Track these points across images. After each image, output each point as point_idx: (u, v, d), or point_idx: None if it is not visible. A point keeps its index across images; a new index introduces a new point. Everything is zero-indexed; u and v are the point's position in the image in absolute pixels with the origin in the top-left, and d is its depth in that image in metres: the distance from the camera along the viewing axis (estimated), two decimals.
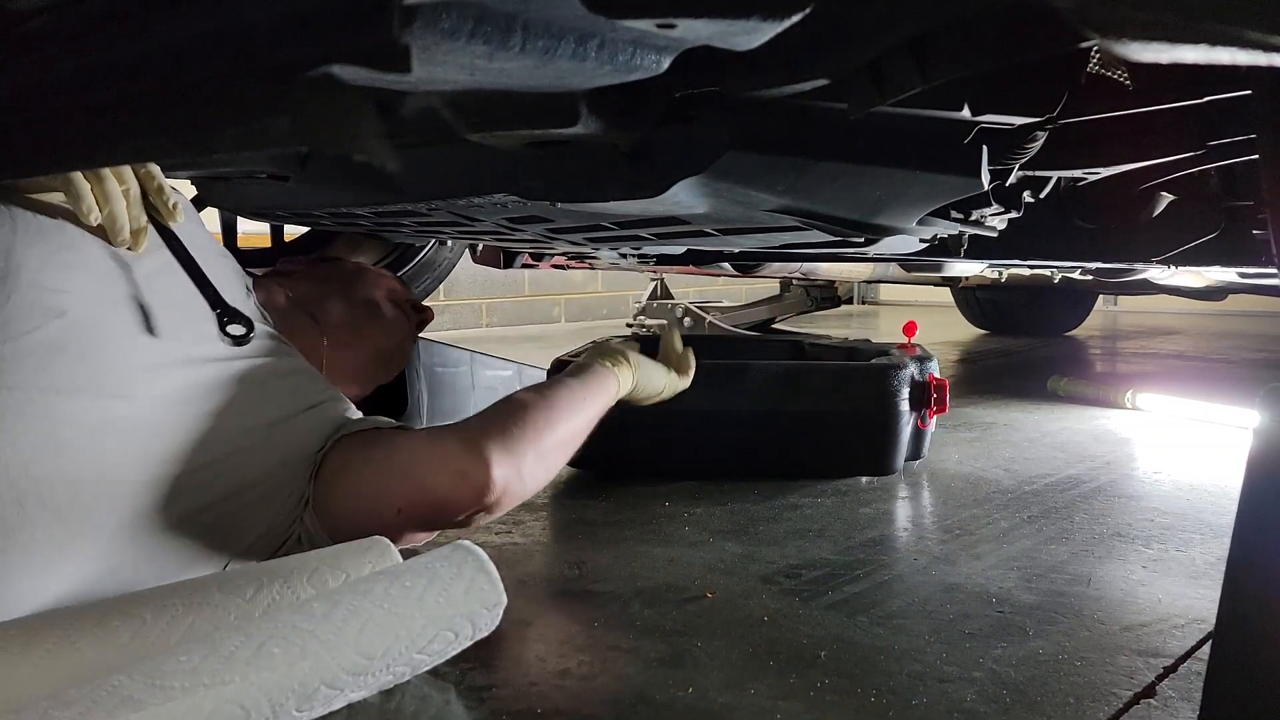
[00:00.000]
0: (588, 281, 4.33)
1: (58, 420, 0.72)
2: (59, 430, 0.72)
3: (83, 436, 0.73)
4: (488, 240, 1.50)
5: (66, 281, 0.77)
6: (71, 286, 0.77)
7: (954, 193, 0.76)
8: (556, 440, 0.92)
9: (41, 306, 0.75)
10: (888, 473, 1.32)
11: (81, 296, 0.77)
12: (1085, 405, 1.91)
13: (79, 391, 0.73)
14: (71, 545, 0.71)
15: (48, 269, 0.77)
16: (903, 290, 5.17)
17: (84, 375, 0.74)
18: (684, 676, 0.71)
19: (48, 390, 0.72)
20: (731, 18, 0.43)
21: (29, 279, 0.75)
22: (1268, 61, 0.40)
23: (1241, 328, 3.66)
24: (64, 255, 0.79)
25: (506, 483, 0.85)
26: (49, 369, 0.73)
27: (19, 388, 0.71)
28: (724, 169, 0.69)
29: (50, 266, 0.77)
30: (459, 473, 0.83)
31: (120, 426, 0.75)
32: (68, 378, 0.73)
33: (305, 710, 0.61)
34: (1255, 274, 1.23)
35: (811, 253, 1.21)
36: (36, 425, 0.71)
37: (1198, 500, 1.21)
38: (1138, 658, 0.75)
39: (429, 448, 0.85)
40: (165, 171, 0.92)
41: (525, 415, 0.89)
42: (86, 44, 0.52)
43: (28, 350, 0.72)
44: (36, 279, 0.76)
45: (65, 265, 0.78)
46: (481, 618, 0.72)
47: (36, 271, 0.76)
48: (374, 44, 0.41)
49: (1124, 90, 0.77)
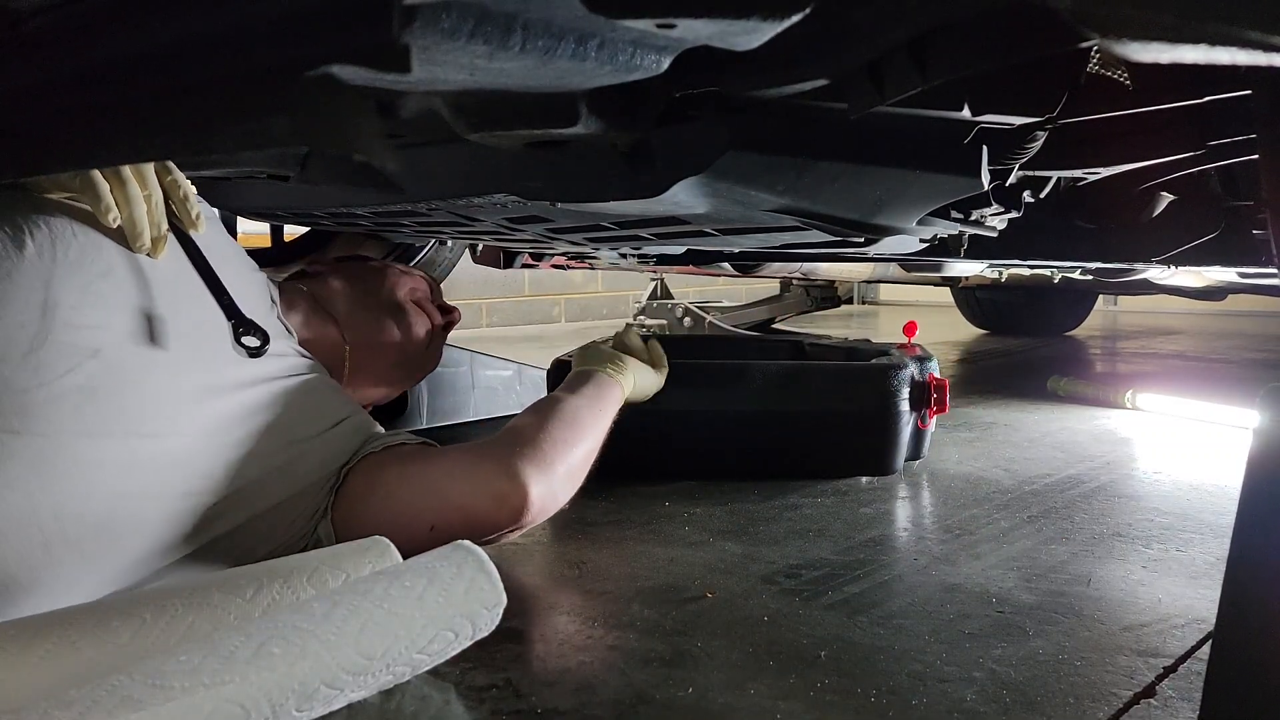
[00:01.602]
0: (588, 281, 4.33)
1: (88, 464, 0.72)
2: (89, 474, 0.72)
3: (111, 477, 0.73)
4: (488, 240, 1.50)
5: (101, 315, 0.76)
6: (105, 321, 0.76)
7: (954, 193, 0.76)
8: (582, 455, 0.94)
9: (76, 347, 0.74)
10: (888, 472, 1.32)
11: (115, 332, 0.77)
12: (1085, 405, 1.91)
13: (109, 434, 0.73)
14: (92, 578, 0.72)
15: (84, 305, 0.76)
16: (903, 290, 5.17)
17: (114, 417, 0.74)
18: (684, 676, 0.71)
19: (80, 435, 0.72)
20: (731, 18, 0.43)
21: (64, 318, 0.74)
22: (1268, 61, 0.40)
23: (1241, 328, 3.66)
24: (100, 285, 0.78)
25: (543, 502, 0.87)
26: (81, 414, 0.72)
27: (51, 434, 0.70)
28: (724, 169, 0.69)
29: (86, 302, 0.76)
30: (497, 494, 0.85)
31: (148, 465, 0.75)
32: (99, 421, 0.73)
33: (305, 710, 0.61)
34: (1255, 274, 1.23)
35: (811, 253, 1.21)
36: (67, 470, 0.71)
37: (1198, 500, 1.21)
38: (1138, 658, 0.75)
39: (465, 468, 0.87)
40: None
41: (554, 433, 0.91)
42: (87, 44, 0.52)
43: (61, 395, 0.71)
44: (72, 318, 0.74)
45: (100, 296, 0.77)
46: (481, 618, 0.72)
47: (73, 309, 0.75)
48: (374, 44, 0.41)
49: (1124, 90, 0.77)
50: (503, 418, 1.68)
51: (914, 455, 1.37)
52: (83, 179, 0.79)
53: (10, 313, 0.72)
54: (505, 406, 1.68)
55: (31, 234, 0.76)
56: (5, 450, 0.69)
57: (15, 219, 0.77)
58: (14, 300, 0.72)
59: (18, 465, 0.69)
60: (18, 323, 0.72)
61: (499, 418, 1.69)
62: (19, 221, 0.77)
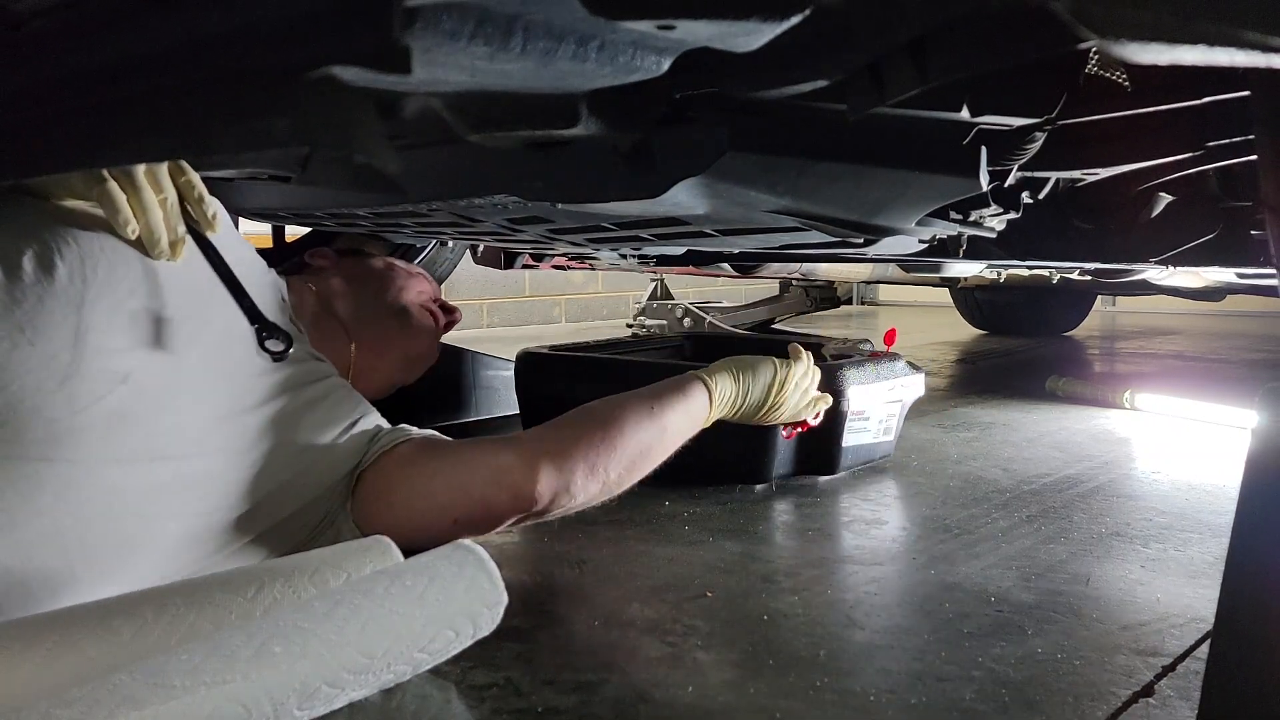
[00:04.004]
0: (588, 282, 4.33)
1: (114, 489, 0.72)
2: (115, 498, 0.72)
3: (136, 501, 0.73)
4: (488, 241, 1.50)
5: (130, 337, 0.76)
6: (134, 342, 0.76)
7: (953, 194, 0.76)
8: (617, 456, 0.92)
9: (107, 373, 0.73)
10: (756, 482, 1.26)
11: (142, 353, 0.76)
12: (1084, 405, 1.92)
13: (136, 460, 0.73)
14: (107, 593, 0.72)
15: (113, 329, 0.75)
16: (902, 291, 5.16)
17: (141, 443, 0.74)
18: (684, 676, 0.71)
19: (108, 461, 0.72)
20: (731, 19, 0.43)
21: (95, 344, 0.74)
22: (1266, 62, 0.40)
23: (1240, 328, 3.66)
24: (128, 304, 0.77)
25: (554, 494, 0.88)
26: (110, 440, 0.72)
27: (80, 460, 0.70)
28: (724, 169, 0.69)
29: (116, 325, 0.76)
30: (512, 484, 0.87)
31: (172, 487, 0.75)
32: (127, 447, 0.73)
33: (307, 709, 0.61)
34: (1253, 274, 1.23)
35: (811, 253, 1.21)
36: (95, 496, 0.71)
37: (1196, 500, 1.22)
38: (1136, 657, 0.75)
39: (486, 459, 0.89)
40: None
41: (582, 429, 0.92)
42: (87, 44, 0.52)
43: (91, 423, 0.71)
44: (103, 343, 0.74)
45: (132, 318, 0.77)
46: (482, 616, 0.72)
47: (103, 334, 0.74)
48: (375, 45, 0.41)
49: (1122, 91, 0.77)
50: (503, 417, 1.68)
51: (807, 469, 1.29)
52: (99, 190, 0.78)
53: (43, 342, 0.71)
54: (506, 406, 1.68)
55: (61, 253, 0.75)
56: (37, 478, 0.69)
57: (43, 236, 0.76)
58: (46, 329, 0.72)
59: (46, 493, 0.69)
60: (51, 353, 0.71)
61: (499, 417, 1.69)
62: (47, 239, 0.76)
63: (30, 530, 0.68)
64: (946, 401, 1.97)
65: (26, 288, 0.73)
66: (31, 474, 0.68)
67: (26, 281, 0.73)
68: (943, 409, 1.88)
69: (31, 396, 0.69)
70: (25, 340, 0.71)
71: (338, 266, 1.14)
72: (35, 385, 0.70)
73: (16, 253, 0.74)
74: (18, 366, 0.70)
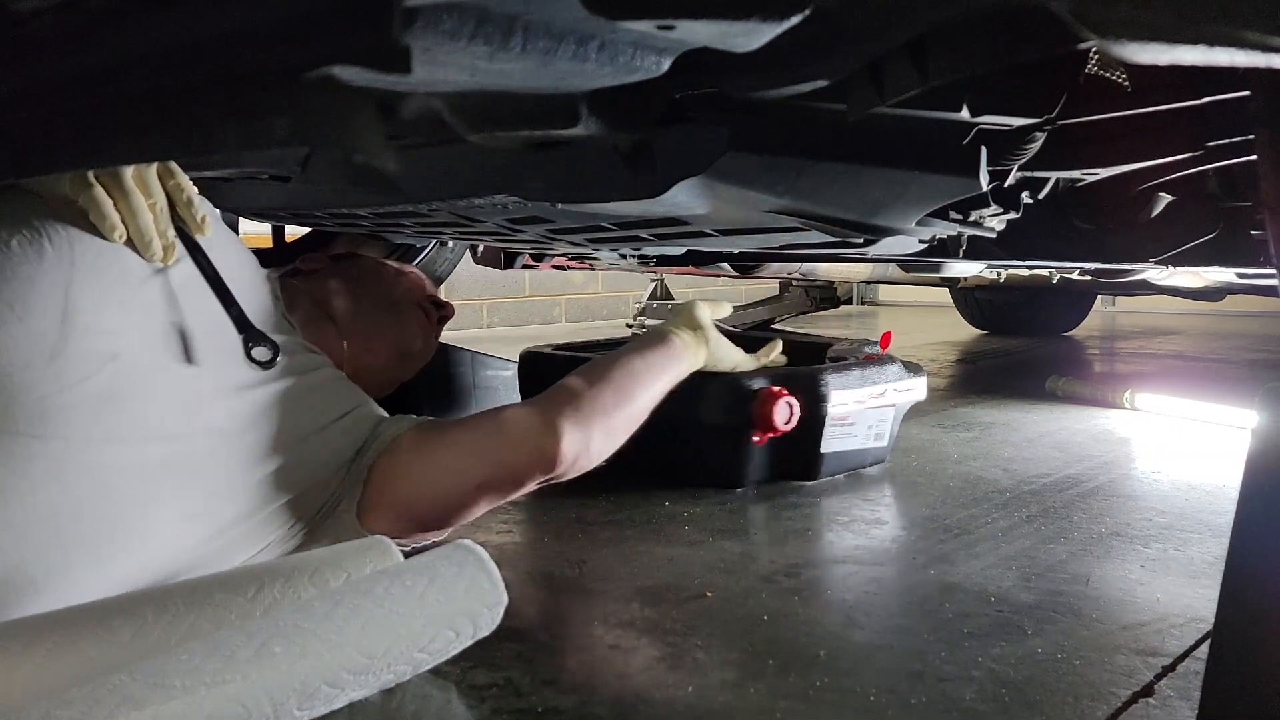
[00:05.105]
0: (588, 282, 4.33)
1: (106, 468, 0.72)
2: (107, 478, 0.72)
3: (129, 481, 0.73)
4: (488, 241, 1.50)
5: (119, 320, 0.77)
6: (124, 326, 0.77)
7: (953, 193, 0.76)
8: (624, 415, 0.99)
9: (95, 352, 0.74)
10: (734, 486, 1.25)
11: (133, 337, 0.77)
12: (1084, 405, 1.92)
13: (127, 439, 0.74)
14: (105, 581, 0.72)
15: (102, 310, 0.76)
16: (902, 291, 5.16)
17: (132, 421, 0.74)
18: (684, 676, 0.71)
19: (99, 440, 0.72)
20: (731, 19, 0.43)
21: (84, 323, 0.74)
22: (1266, 62, 0.40)
23: (1240, 328, 3.66)
24: (119, 290, 0.78)
25: (575, 456, 0.92)
26: (101, 418, 0.73)
27: (71, 438, 0.71)
28: (724, 170, 0.69)
29: (105, 307, 0.76)
30: (535, 447, 0.91)
31: (166, 467, 0.76)
32: (117, 426, 0.73)
33: (307, 709, 0.61)
34: (1253, 274, 1.23)
35: (811, 253, 1.21)
36: (86, 474, 0.71)
37: (1196, 500, 1.22)
38: (1136, 657, 0.75)
39: (506, 425, 0.92)
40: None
41: (596, 394, 0.96)
42: (87, 44, 0.52)
43: (80, 400, 0.72)
44: (91, 323, 0.75)
45: (120, 303, 0.78)
46: (482, 616, 0.72)
47: (92, 313, 0.75)
48: (375, 45, 0.41)
49: (1122, 91, 0.77)
50: None
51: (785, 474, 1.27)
52: (85, 194, 0.78)
53: (31, 319, 0.72)
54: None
55: (50, 237, 0.77)
56: (28, 454, 0.69)
57: (32, 221, 0.77)
58: (35, 306, 0.73)
59: (39, 469, 0.69)
60: (39, 330, 0.72)
61: None
62: (36, 224, 0.77)
63: (23, 508, 0.68)
64: (946, 401, 1.97)
65: (15, 267, 0.74)
66: (22, 450, 0.69)
67: (15, 261, 0.74)
68: (943, 409, 1.88)
69: (21, 373, 0.70)
70: (14, 316, 0.72)
71: (328, 268, 1.14)
72: (24, 361, 0.71)
73: (7, 234, 0.76)
74: (6, 341, 0.71)
